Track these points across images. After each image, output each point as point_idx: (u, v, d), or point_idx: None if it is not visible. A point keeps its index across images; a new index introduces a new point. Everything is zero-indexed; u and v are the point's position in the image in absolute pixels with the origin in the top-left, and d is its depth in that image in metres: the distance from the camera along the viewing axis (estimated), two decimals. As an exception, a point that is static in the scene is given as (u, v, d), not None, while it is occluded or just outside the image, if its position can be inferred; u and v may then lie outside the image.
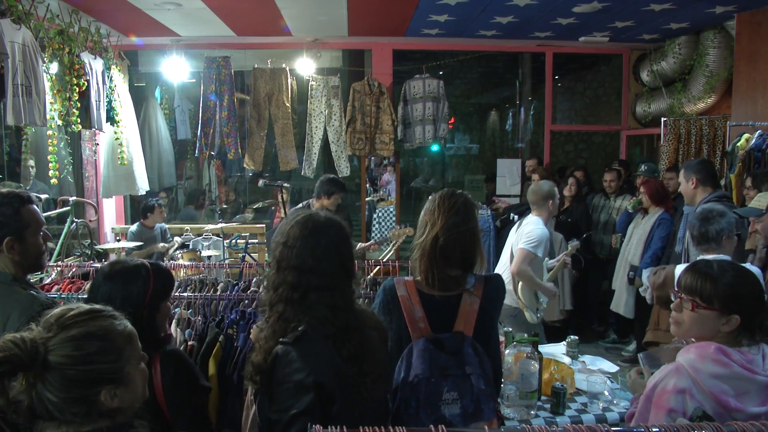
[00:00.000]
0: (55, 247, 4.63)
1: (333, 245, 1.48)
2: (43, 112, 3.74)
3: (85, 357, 1.12)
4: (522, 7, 4.71)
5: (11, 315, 1.69)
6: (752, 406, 1.41)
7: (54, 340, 1.11)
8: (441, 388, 1.65)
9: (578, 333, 4.68)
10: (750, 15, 4.72)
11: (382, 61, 6.11)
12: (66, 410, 1.10)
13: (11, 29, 3.38)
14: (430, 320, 1.75)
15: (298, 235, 1.47)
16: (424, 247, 1.80)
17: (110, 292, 1.65)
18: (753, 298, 1.51)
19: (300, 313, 1.44)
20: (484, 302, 1.79)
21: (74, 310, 1.17)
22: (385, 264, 3.78)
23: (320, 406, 1.35)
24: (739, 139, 4.38)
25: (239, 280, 3.20)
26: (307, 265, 1.44)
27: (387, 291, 1.82)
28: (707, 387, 1.43)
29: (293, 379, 1.35)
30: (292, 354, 1.37)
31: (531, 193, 3.61)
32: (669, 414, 1.46)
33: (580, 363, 2.87)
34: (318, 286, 1.44)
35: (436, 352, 1.69)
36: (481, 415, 1.67)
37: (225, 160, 7.89)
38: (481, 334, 1.77)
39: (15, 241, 1.77)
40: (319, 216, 1.52)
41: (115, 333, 1.18)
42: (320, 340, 1.41)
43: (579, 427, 1.10)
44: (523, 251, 3.32)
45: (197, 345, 2.54)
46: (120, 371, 1.17)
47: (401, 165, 6.97)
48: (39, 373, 1.08)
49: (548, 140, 6.72)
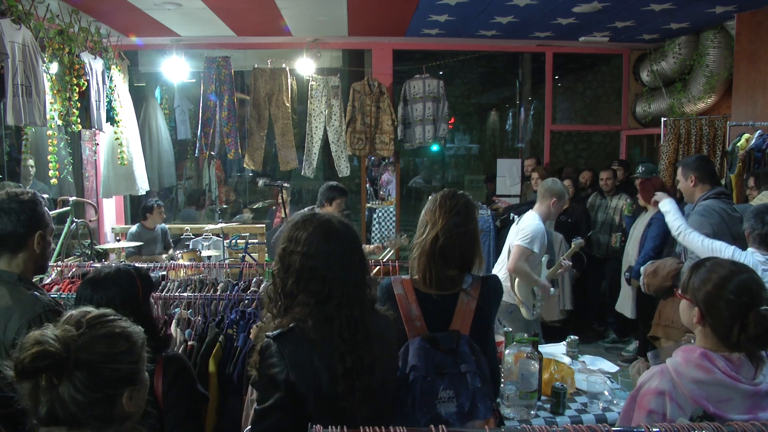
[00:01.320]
0: (55, 247, 4.63)
1: (355, 252, 1.48)
2: (43, 112, 3.74)
3: (115, 356, 1.14)
4: (522, 7, 4.71)
5: (13, 316, 1.69)
6: (735, 414, 1.39)
7: (84, 338, 1.12)
8: (437, 387, 1.65)
9: (578, 333, 4.68)
10: (750, 15, 4.72)
11: (382, 61, 6.11)
12: (89, 412, 1.09)
13: (11, 29, 3.38)
14: (427, 319, 1.76)
15: (320, 242, 1.45)
16: (423, 246, 1.81)
17: (106, 298, 1.68)
18: (722, 300, 1.46)
19: (311, 316, 1.43)
20: (480, 302, 1.80)
21: (93, 312, 1.19)
22: (385, 264, 3.78)
23: (295, 404, 1.36)
24: (739, 139, 4.38)
25: (239, 280, 3.20)
26: (332, 275, 1.43)
27: (383, 290, 1.82)
28: (687, 391, 1.43)
29: (268, 372, 1.38)
30: (272, 348, 1.39)
31: (541, 185, 3.60)
32: (649, 415, 1.45)
33: (580, 363, 2.87)
34: (340, 294, 1.43)
35: (432, 351, 1.69)
36: (477, 414, 1.67)
37: (225, 160, 7.89)
38: (478, 334, 1.77)
39: (42, 237, 1.83)
40: (333, 222, 1.51)
41: (135, 335, 1.21)
42: (305, 341, 1.40)
43: (579, 427, 1.10)
44: (519, 248, 3.32)
45: (197, 345, 2.54)
46: (139, 373, 1.20)
47: (401, 165, 6.97)
48: (69, 371, 1.08)
49: (548, 140, 6.72)
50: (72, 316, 1.16)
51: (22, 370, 1.05)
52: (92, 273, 1.80)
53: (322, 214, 1.55)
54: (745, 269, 1.51)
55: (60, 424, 1.09)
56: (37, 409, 1.08)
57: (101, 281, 1.74)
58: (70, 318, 1.16)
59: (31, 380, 1.06)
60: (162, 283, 3.04)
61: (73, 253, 5.03)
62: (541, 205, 3.52)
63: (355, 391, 1.39)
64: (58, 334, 1.09)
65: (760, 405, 1.42)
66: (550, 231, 4.88)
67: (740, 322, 1.43)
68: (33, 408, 1.08)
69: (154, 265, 3.48)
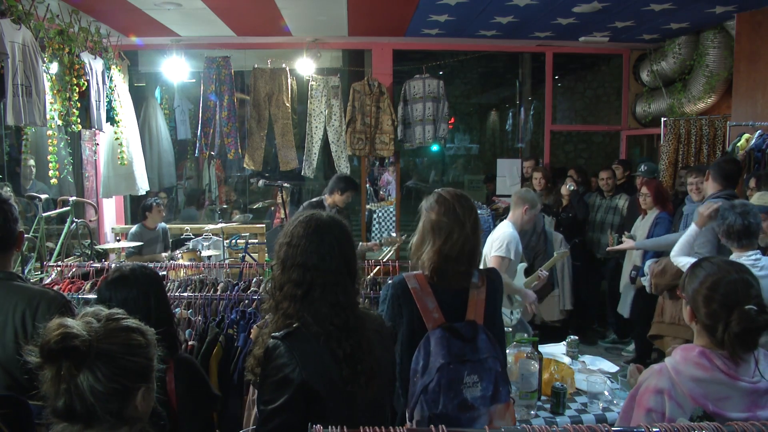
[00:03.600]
0: (55, 247, 4.63)
1: (336, 243, 1.50)
2: (43, 112, 3.74)
3: (134, 348, 1.17)
4: (522, 7, 4.71)
5: (39, 305, 1.69)
6: (734, 412, 1.39)
7: (105, 329, 1.15)
8: (461, 373, 1.71)
9: (578, 333, 4.68)
10: (750, 15, 4.72)
11: (382, 61, 6.11)
12: (105, 405, 1.11)
13: (11, 29, 3.38)
14: (442, 311, 1.81)
15: (302, 234, 1.49)
16: (452, 249, 1.83)
17: (125, 296, 1.73)
18: (706, 297, 1.48)
19: (302, 310, 1.46)
20: (489, 292, 1.88)
21: (106, 310, 1.22)
22: (385, 264, 3.79)
23: (304, 403, 1.37)
24: (739, 139, 4.38)
25: (239, 280, 3.20)
26: (311, 262, 1.46)
27: (397, 285, 1.85)
28: (686, 389, 1.43)
29: (278, 373, 1.38)
30: (280, 349, 1.40)
31: (515, 193, 3.65)
32: (648, 413, 1.46)
33: (580, 363, 2.87)
34: (321, 283, 1.46)
35: (453, 340, 1.75)
36: (500, 397, 1.74)
37: (225, 160, 7.89)
38: (490, 322, 1.86)
39: (22, 235, 1.86)
40: (321, 215, 1.55)
41: (149, 333, 1.24)
42: (312, 338, 1.43)
43: (579, 427, 1.10)
44: (496, 258, 3.31)
45: (197, 345, 2.54)
46: (152, 370, 1.22)
47: (401, 165, 6.97)
48: (91, 359, 1.09)
49: (548, 140, 6.72)
50: (88, 312, 1.19)
51: (48, 352, 1.07)
52: (113, 271, 1.84)
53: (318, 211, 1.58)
54: (738, 269, 1.51)
55: (76, 420, 1.10)
56: (56, 400, 1.09)
57: (121, 280, 1.78)
58: (87, 314, 1.19)
59: (55, 364, 1.08)
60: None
61: (73, 253, 5.03)
62: (513, 213, 3.53)
63: (359, 374, 1.43)
64: (81, 324, 1.12)
65: (758, 403, 1.43)
66: (550, 231, 4.89)
67: (725, 320, 1.44)
68: (52, 398, 1.10)
69: (155, 265, 3.48)
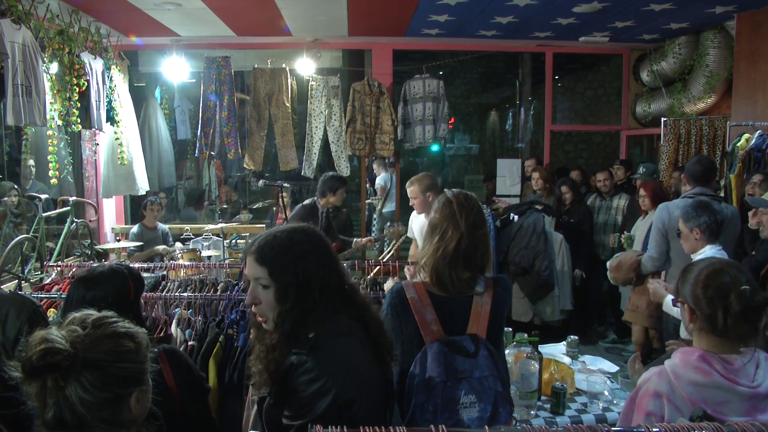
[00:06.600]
0: (55, 247, 4.63)
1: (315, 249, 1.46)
2: (43, 112, 3.73)
3: (123, 354, 1.13)
4: (522, 7, 4.71)
5: (9, 313, 1.69)
6: (733, 417, 1.38)
7: (90, 337, 1.11)
8: (458, 392, 1.61)
9: (578, 333, 4.67)
10: (750, 15, 4.72)
11: (382, 61, 6.11)
12: (97, 414, 1.08)
13: (11, 29, 3.38)
14: (442, 322, 1.71)
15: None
16: (444, 249, 1.75)
17: (99, 296, 1.69)
18: (703, 286, 1.49)
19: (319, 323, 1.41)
20: (494, 303, 1.76)
21: (95, 314, 1.18)
22: (385, 264, 3.78)
23: (337, 411, 1.32)
24: (739, 139, 4.38)
25: (239, 280, 3.19)
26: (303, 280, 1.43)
27: (395, 294, 1.77)
28: (685, 394, 1.42)
29: (309, 389, 1.33)
30: (307, 364, 1.35)
31: None
32: (647, 417, 1.45)
33: (580, 363, 2.87)
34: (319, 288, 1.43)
35: (451, 355, 1.64)
36: (499, 418, 1.63)
37: (225, 160, 7.89)
38: (492, 336, 1.74)
39: None
40: (303, 225, 1.51)
41: (140, 336, 1.20)
42: (334, 345, 1.38)
43: (579, 427, 1.10)
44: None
45: (197, 345, 2.54)
46: (145, 373, 1.19)
47: (401, 165, 6.96)
48: (77, 371, 1.06)
49: (548, 140, 6.72)
50: (75, 318, 1.15)
51: (30, 368, 1.02)
52: (85, 271, 1.81)
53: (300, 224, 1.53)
54: (727, 263, 1.57)
55: (67, 430, 1.07)
56: (44, 412, 1.06)
57: (94, 279, 1.74)
58: (74, 320, 1.14)
59: (38, 380, 1.04)
60: (162, 283, 3.04)
61: (73, 253, 5.02)
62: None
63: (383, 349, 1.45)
64: (65, 334, 1.08)
65: (758, 407, 1.42)
66: (550, 231, 4.89)
67: (723, 304, 1.44)
68: (40, 411, 1.06)
69: (155, 265, 3.48)
